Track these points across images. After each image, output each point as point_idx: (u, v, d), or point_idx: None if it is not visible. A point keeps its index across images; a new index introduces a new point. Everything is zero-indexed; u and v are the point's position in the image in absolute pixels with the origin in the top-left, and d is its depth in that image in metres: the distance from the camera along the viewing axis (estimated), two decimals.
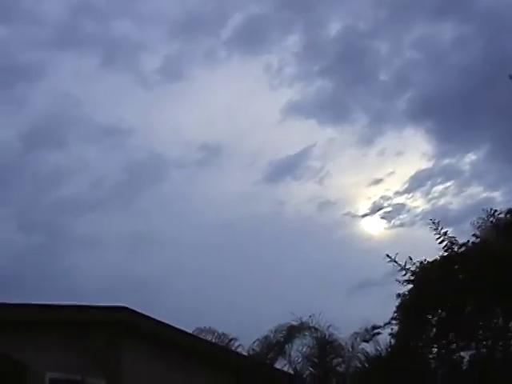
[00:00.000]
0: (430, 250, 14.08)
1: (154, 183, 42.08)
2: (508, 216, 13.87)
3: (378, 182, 42.16)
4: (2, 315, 13.14)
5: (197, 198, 39.48)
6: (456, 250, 13.60)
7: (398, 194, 40.99)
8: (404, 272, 13.74)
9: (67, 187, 40.92)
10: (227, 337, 24.62)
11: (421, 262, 13.75)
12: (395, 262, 13.69)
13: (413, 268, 13.74)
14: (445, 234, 13.56)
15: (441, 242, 13.61)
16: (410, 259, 13.69)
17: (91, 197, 40.98)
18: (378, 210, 40.52)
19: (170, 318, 16.11)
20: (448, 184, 40.31)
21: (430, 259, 13.84)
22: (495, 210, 13.87)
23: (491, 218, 13.67)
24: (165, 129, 39.80)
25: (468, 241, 13.56)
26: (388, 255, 13.71)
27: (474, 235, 13.58)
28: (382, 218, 40.48)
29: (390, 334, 14.42)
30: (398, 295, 13.90)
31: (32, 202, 40.49)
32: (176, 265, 36.88)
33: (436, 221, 13.74)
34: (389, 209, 40.45)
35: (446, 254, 13.68)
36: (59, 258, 38.97)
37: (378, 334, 16.22)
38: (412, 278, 13.70)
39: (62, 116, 39.41)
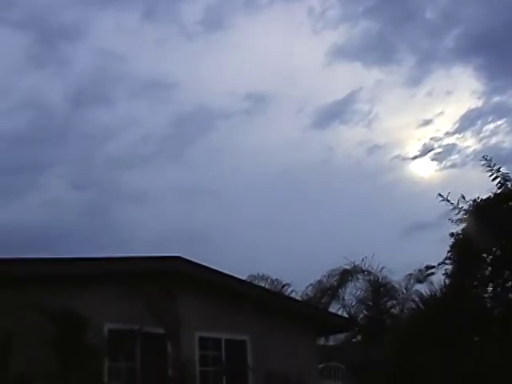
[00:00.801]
0: (483, 190, 13.88)
1: (201, 135, 42.33)
2: None
3: (427, 123, 41.92)
4: (61, 269, 13.43)
5: (245, 147, 39.59)
6: (510, 186, 13.33)
7: (448, 134, 40.68)
8: (457, 211, 13.55)
9: (116, 144, 41.45)
10: (280, 283, 24.82)
11: (474, 201, 13.53)
12: (447, 201, 13.49)
13: (466, 207, 13.54)
14: (498, 170, 13.29)
15: (494, 179, 13.35)
16: (463, 198, 13.48)
17: (140, 152, 41.44)
18: (429, 152, 40.20)
19: (223, 266, 16.29)
20: (499, 122, 39.82)
21: (484, 197, 13.61)
22: None
23: None
24: (209, 80, 39.74)
25: None
26: (440, 194, 13.53)
27: None
28: (433, 159, 40.10)
29: (444, 274, 14.28)
30: (452, 234, 13.73)
31: (83, 160, 41.08)
32: (227, 214, 37.17)
33: (488, 157, 13.46)
34: (439, 150, 40.16)
35: (499, 191, 13.43)
36: (112, 213, 39.58)
37: (432, 274, 16.10)
38: (465, 216, 13.52)
39: (106, 73, 39.67)
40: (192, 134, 41.96)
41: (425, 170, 40.95)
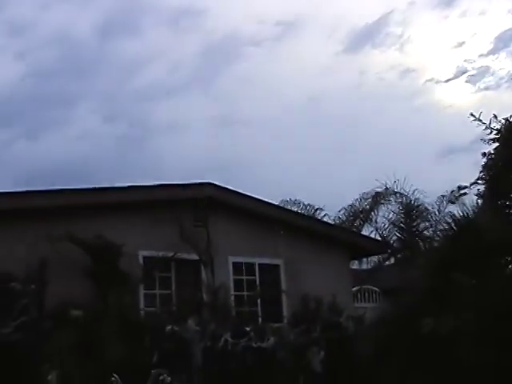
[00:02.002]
0: None
1: (231, 63, 41.72)
2: None
3: (460, 44, 40.86)
4: (95, 199, 13.59)
5: (276, 74, 38.97)
6: None
7: (482, 56, 39.71)
8: (489, 131, 13.34)
9: (146, 75, 41.10)
10: (313, 207, 24.87)
11: (506, 120, 13.30)
12: (479, 120, 13.27)
13: (498, 126, 13.32)
14: None
15: None
16: (495, 117, 13.26)
17: (170, 82, 41.04)
18: (462, 74, 39.34)
19: (256, 192, 16.32)
20: None
21: None
22: None
23: None
24: (238, 6, 38.95)
25: None
26: (472, 114, 13.30)
27: None
28: (467, 81, 39.26)
29: (476, 195, 14.16)
30: (484, 154, 13.55)
31: (113, 92, 40.93)
32: (259, 142, 36.96)
33: None
34: (473, 72, 39.29)
35: None
36: (144, 145, 39.59)
37: (465, 194, 15.96)
38: (497, 136, 13.31)
39: (133, 3, 39.04)
40: (221, 63, 41.41)
41: (458, 93, 40.08)
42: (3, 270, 10.92)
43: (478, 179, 13.65)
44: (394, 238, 24.01)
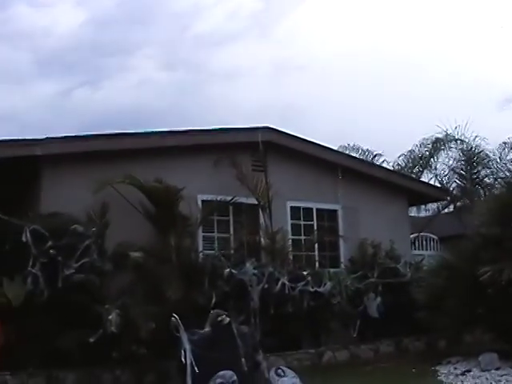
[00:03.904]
0: None
1: (291, 9, 41.20)
2: None
3: None
4: (155, 142, 13.67)
5: (337, 19, 38.44)
6: None
7: None
8: None
9: (205, 22, 40.88)
10: (372, 153, 24.68)
11: None
12: None
13: None
14: None
15: None
16: None
17: (229, 29, 40.81)
18: None
19: (315, 138, 16.22)
20: None
21: None
22: None
23: None
24: None
25: None
26: None
27: None
28: None
29: None
30: None
31: (172, 39, 40.90)
32: (319, 88, 36.73)
33: None
34: None
35: None
36: (203, 91, 39.61)
37: None
38: None
39: None
40: (281, 8, 40.90)
41: None
42: (66, 212, 11.13)
43: None
44: (454, 185, 23.80)
